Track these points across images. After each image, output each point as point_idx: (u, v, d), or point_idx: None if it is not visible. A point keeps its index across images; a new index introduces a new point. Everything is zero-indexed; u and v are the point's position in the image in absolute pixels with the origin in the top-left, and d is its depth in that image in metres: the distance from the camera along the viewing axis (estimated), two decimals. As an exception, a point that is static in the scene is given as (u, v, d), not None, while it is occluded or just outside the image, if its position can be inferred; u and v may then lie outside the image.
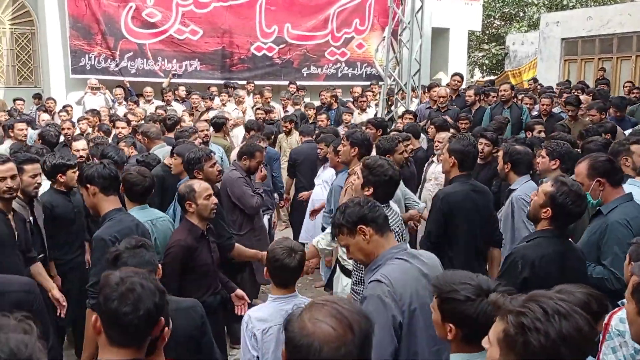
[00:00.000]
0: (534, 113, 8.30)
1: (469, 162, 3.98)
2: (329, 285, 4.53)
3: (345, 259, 3.94)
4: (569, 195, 2.82)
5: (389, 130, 6.92)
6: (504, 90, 8.16)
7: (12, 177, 3.56)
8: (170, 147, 5.33)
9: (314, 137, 7.21)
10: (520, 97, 8.94)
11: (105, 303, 1.72)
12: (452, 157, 3.95)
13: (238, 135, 8.77)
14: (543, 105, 7.87)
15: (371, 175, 3.22)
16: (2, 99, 12.24)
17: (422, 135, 7.18)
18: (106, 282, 1.76)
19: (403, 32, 10.43)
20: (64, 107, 10.01)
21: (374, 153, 4.65)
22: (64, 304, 3.74)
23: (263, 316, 2.85)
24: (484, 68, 23.71)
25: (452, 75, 9.46)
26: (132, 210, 3.58)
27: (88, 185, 3.29)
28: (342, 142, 4.74)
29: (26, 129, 7.23)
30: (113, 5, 11.85)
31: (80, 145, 5.75)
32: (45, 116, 9.30)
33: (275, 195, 6.81)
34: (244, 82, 12.12)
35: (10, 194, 3.56)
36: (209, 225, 3.68)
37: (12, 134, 7.11)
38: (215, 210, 3.63)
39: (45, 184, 4.36)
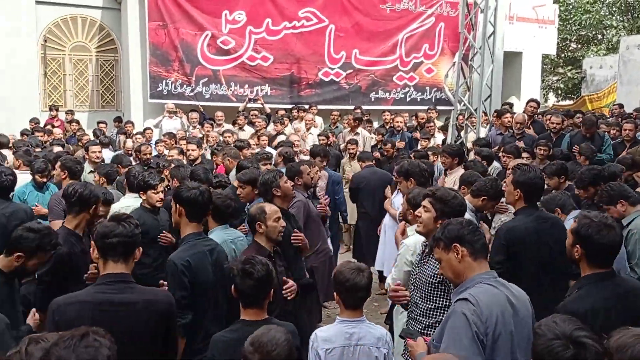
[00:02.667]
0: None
1: (535, 194, 3.85)
2: (389, 317, 4.44)
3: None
4: (590, 227, 2.71)
5: (466, 158, 6.81)
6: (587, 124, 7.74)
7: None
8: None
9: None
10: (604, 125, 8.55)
11: None
12: (517, 189, 3.83)
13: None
14: (625, 130, 7.51)
15: (446, 207, 3.20)
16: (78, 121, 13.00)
17: (495, 163, 7.01)
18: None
19: (474, 57, 10.30)
20: (144, 130, 10.50)
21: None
22: None
23: (328, 336, 2.89)
24: (559, 92, 22.99)
25: (528, 102, 9.17)
26: (215, 229, 3.74)
27: (178, 205, 3.39)
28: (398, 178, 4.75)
29: (100, 152, 7.62)
30: (190, 33, 12.42)
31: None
32: (128, 142, 9.75)
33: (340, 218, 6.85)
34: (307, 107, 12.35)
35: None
36: (276, 247, 3.75)
37: (87, 156, 7.51)
38: (282, 233, 3.70)
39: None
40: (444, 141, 9.64)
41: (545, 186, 4.40)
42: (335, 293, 2.97)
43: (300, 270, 4.29)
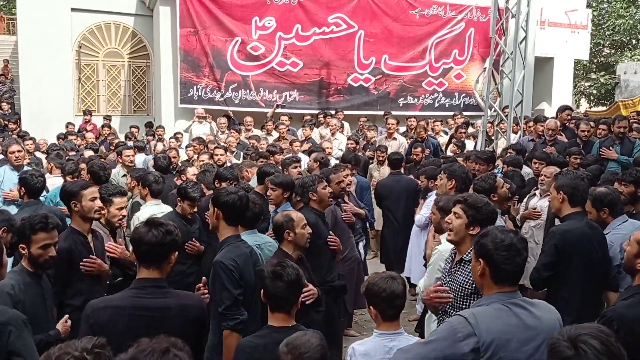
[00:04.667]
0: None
1: (579, 196, 3.79)
2: (420, 326, 4.38)
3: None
4: None
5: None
6: (622, 127, 7.57)
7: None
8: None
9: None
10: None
11: None
12: (561, 192, 3.79)
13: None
14: (655, 135, 7.31)
15: (479, 214, 3.12)
16: (114, 127, 13.24)
17: (526, 168, 6.90)
18: None
19: (505, 62, 10.17)
20: (175, 134, 10.65)
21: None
22: None
23: (366, 351, 2.83)
24: (592, 98, 22.55)
25: (563, 109, 8.97)
26: (242, 234, 3.73)
27: (217, 209, 3.38)
28: (440, 175, 4.68)
29: (133, 155, 7.73)
30: (221, 39, 12.56)
31: (191, 171, 6.08)
32: (159, 145, 9.91)
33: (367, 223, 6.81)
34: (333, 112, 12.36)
35: (99, 215, 3.86)
36: (301, 255, 3.75)
37: (120, 160, 7.63)
38: (309, 240, 3.69)
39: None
40: (474, 148, 9.52)
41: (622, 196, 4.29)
42: (371, 307, 2.89)
43: (334, 273, 4.28)
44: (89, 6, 13.58)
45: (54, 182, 6.18)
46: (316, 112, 12.67)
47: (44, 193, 5.33)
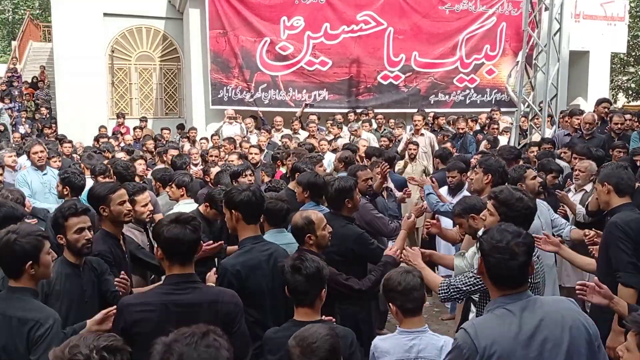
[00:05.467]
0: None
1: (625, 185, 3.63)
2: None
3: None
4: None
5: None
6: None
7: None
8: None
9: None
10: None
11: None
12: (606, 184, 3.64)
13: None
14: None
15: (510, 211, 2.99)
16: (151, 129, 13.44)
17: (562, 162, 6.72)
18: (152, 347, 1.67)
19: (538, 56, 9.94)
20: (212, 135, 10.74)
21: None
22: None
23: (386, 348, 2.79)
24: (629, 92, 21.90)
25: (601, 102, 8.72)
26: (268, 232, 3.66)
27: (233, 210, 3.29)
28: (475, 169, 4.55)
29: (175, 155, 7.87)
30: (250, 40, 12.62)
31: (214, 171, 6.13)
32: (189, 147, 10.00)
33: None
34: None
35: (129, 218, 3.81)
36: (322, 256, 3.66)
37: (165, 159, 7.74)
38: (330, 239, 3.60)
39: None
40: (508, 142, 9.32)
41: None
42: (390, 304, 2.83)
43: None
44: (120, 11, 13.83)
45: (89, 183, 6.29)
46: (346, 111, 12.61)
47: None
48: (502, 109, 12.44)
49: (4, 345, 2.49)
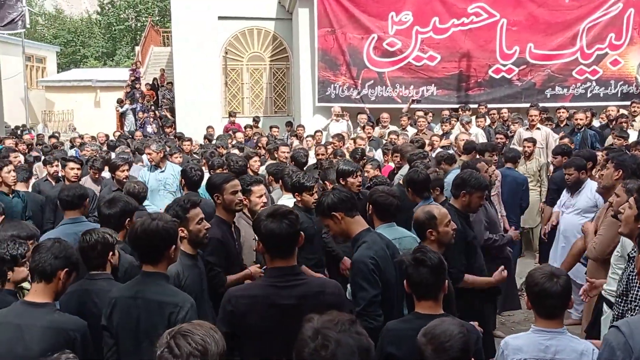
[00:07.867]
0: None
1: None
2: (595, 328, 3.83)
3: (608, 289, 3.47)
4: None
5: None
6: None
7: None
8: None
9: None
10: None
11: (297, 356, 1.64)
12: None
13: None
14: None
15: None
16: (261, 127, 13.87)
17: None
18: (300, 334, 1.66)
19: (674, 43, 9.05)
20: (315, 132, 10.89)
21: None
22: None
23: (520, 346, 2.64)
24: None
25: None
26: (379, 227, 3.62)
27: (334, 214, 3.23)
28: (607, 165, 4.22)
29: (288, 152, 8.08)
30: (357, 37, 12.63)
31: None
32: (297, 144, 10.21)
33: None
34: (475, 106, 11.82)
35: (240, 207, 4.04)
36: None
37: (276, 155, 7.98)
38: (454, 236, 3.49)
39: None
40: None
41: None
42: (527, 298, 2.71)
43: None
44: (234, 14, 14.41)
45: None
46: (455, 106, 12.24)
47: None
48: (633, 101, 11.44)
49: (146, 328, 2.62)
